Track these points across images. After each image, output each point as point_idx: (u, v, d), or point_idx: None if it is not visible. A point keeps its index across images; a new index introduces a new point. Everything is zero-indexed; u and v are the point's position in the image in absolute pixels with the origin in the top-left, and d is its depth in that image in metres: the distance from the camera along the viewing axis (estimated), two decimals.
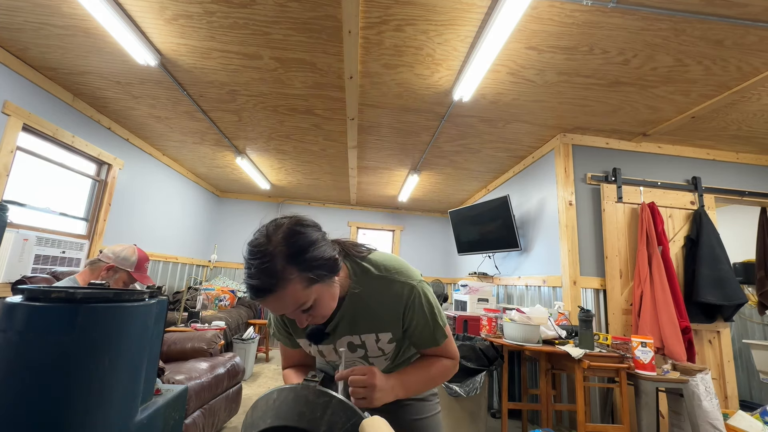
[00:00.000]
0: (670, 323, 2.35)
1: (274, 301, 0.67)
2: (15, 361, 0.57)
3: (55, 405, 0.56)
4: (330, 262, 0.71)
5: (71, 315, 0.59)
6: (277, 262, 0.65)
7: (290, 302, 0.67)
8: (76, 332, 0.60)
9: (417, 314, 0.82)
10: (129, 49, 2.14)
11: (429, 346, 0.86)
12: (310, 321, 0.74)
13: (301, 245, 0.68)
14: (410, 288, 0.81)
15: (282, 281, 0.65)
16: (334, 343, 0.86)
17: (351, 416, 0.61)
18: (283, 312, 0.70)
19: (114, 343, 0.66)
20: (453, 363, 0.89)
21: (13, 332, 0.58)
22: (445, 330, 0.86)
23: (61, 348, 0.58)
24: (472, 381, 2.29)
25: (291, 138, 3.46)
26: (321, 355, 0.91)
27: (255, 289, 0.65)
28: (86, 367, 0.59)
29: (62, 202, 2.98)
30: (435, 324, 0.84)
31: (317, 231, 0.73)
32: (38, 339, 0.58)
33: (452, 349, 0.89)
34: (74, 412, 0.57)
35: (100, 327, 0.64)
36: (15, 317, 0.58)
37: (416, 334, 0.85)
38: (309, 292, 0.68)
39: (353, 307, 0.82)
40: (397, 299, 0.81)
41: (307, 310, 0.71)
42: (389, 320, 0.83)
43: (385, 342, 0.85)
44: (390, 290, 0.81)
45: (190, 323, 3.40)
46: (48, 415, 0.55)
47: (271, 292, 0.65)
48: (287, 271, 0.65)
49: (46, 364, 0.56)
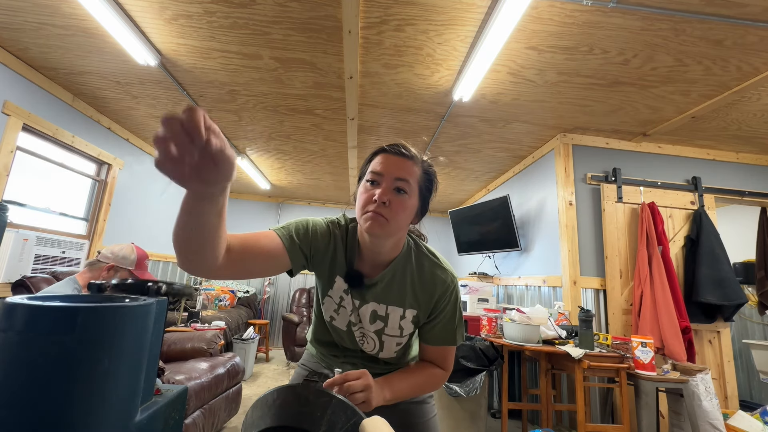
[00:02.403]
0: (670, 323, 2.35)
1: (399, 162, 0.79)
2: (14, 361, 0.57)
3: (54, 405, 0.56)
4: (427, 203, 0.86)
5: (71, 315, 0.59)
6: (417, 154, 0.83)
7: (406, 171, 0.78)
8: (76, 332, 0.60)
9: (450, 307, 0.86)
10: (129, 49, 2.13)
11: (445, 343, 0.87)
12: (380, 209, 0.75)
13: (429, 171, 0.85)
14: (452, 280, 0.86)
15: (415, 158, 0.81)
16: (361, 298, 0.87)
17: (351, 416, 0.61)
18: (393, 174, 0.77)
19: (114, 343, 0.66)
20: (444, 374, 0.89)
21: (12, 332, 0.58)
22: (463, 335, 0.88)
23: (61, 348, 0.58)
24: (472, 381, 2.29)
25: (291, 138, 3.46)
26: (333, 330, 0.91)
27: (398, 146, 0.80)
28: (86, 367, 0.59)
29: (62, 202, 2.98)
30: (459, 323, 0.87)
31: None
32: (38, 339, 0.58)
33: (451, 359, 0.90)
34: (74, 413, 0.57)
35: (100, 327, 0.64)
36: (14, 317, 0.58)
37: (440, 325, 0.86)
38: (414, 184, 0.79)
39: (396, 273, 0.85)
40: (438, 284, 0.85)
41: (397, 191, 0.77)
42: (422, 300, 0.86)
43: (408, 320, 0.86)
44: (434, 273, 0.86)
45: (190, 323, 3.40)
46: (48, 415, 0.55)
47: (407, 156, 0.80)
48: (418, 161, 0.82)
49: (46, 364, 0.56)
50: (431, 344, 0.88)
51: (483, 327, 2.64)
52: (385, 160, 0.79)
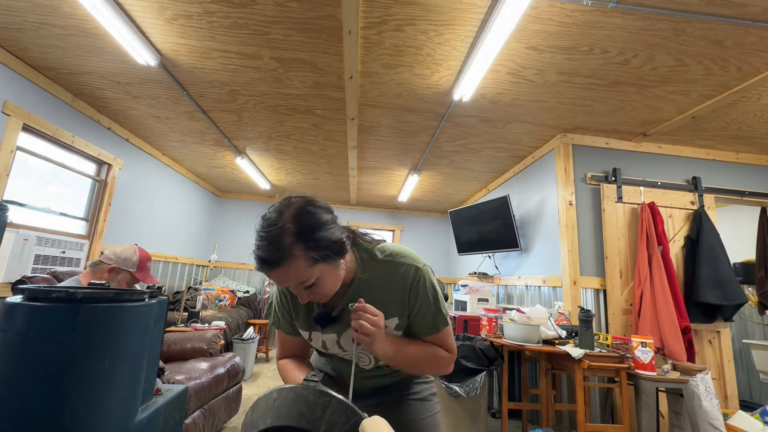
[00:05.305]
0: (670, 323, 2.35)
1: (277, 275, 0.71)
2: (15, 361, 0.57)
3: (55, 405, 0.56)
4: (336, 245, 0.74)
5: (71, 315, 0.59)
6: (284, 237, 0.68)
7: (293, 277, 0.71)
8: (76, 332, 0.60)
9: (421, 296, 0.84)
10: (129, 49, 2.13)
11: (429, 332, 0.86)
12: (311, 298, 0.76)
13: (310, 225, 0.71)
14: (415, 269, 0.84)
15: (287, 257, 0.68)
16: (339, 331, 0.86)
17: (351, 416, 0.61)
18: (285, 285, 0.73)
19: (114, 343, 0.66)
20: (449, 356, 0.89)
21: (13, 332, 0.58)
22: (446, 318, 0.86)
23: (62, 348, 0.58)
24: (472, 381, 2.29)
25: (291, 138, 3.46)
26: (324, 347, 0.91)
27: (261, 261, 0.70)
28: (86, 367, 0.59)
29: (62, 202, 2.98)
30: (437, 309, 0.85)
31: (328, 213, 0.76)
32: (38, 339, 0.58)
33: (451, 343, 0.89)
34: (74, 412, 0.57)
35: (100, 327, 0.64)
36: (15, 317, 0.58)
37: (419, 317, 0.85)
38: (312, 270, 0.71)
39: (360, 292, 0.83)
40: (403, 281, 0.83)
41: (310, 287, 0.73)
42: (395, 305, 0.84)
43: (392, 328, 0.86)
44: (396, 272, 0.83)
45: (190, 323, 3.40)
46: (48, 415, 0.55)
47: (276, 265, 0.69)
48: (294, 248, 0.69)
49: (47, 364, 0.56)
50: (421, 336, 0.89)
51: (483, 327, 2.64)
52: (271, 276, 0.72)
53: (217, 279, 5.54)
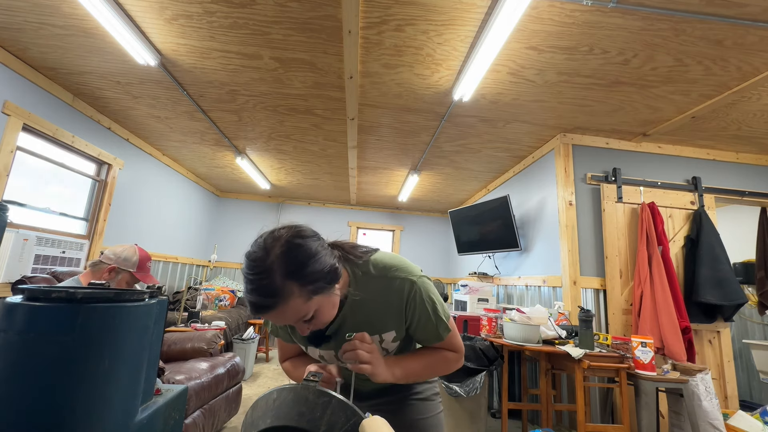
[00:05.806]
0: (670, 323, 2.35)
1: (274, 316, 0.66)
2: (15, 361, 0.57)
3: (55, 405, 0.56)
4: (330, 273, 0.70)
5: (71, 315, 0.59)
6: (276, 278, 0.63)
7: (291, 316, 0.67)
8: (76, 332, 0.60)
9: (419, 309, 0.82)
10: (129, 49, 2.13)
11: (433, 341, 0.86)
12: (311, 328, 0.74)
13: (301, 260, 0.66)
14: (410, 283, 0.81)
15: (282, 298, 0.64)
16: (335, 348, 0.86)
17: (351, 416, 0.61)
18: (284, 323, 0.72)
19: (114, 343, 0.66)
20: (456, 356, 0.88)
21: (13, 332, 0.58)
22: (448, 324, 0.85)
23: (61, 348, 0.58)
24: (472, 381, 2.29)
25: (291, 138, 3.46)
26: (322, 359, 0.90)
27: (256, 306, 0.65)
28: (86, 367, 0.59)
29: (62, 202, 2.98)
30: (438, 318, 0.83)
31: (316, 241, 0.72)
32: (38, 339, 0.58)
33: (456, 343, 0.88)
34: (74, 412, 0.57)
35: (100, 327, 0.64)
36: (15, 317, 0.58)
37: (419, 329, 0.84)
38: (310, 304, 0.67)
39: (354, 309, 0.81)
40: (398, 296, 0.81)
41: (309, 320, 0.71)
42: (391, 319, 0.83)
43: (389, 341, 0.85)
44: (390, 288, 0.81)
45: (190, 323, 3.40)
46: (48, 415, 0.55)
47: (272, 308, 0.64)
48: (287, 288, 0.64)
49: (47, 364, 0.56)
50: (425, 344, 0.89)
51: (483, 327, 2.64)
52: (268, 318, 0.68)
53: (217, 279, 5.54)
